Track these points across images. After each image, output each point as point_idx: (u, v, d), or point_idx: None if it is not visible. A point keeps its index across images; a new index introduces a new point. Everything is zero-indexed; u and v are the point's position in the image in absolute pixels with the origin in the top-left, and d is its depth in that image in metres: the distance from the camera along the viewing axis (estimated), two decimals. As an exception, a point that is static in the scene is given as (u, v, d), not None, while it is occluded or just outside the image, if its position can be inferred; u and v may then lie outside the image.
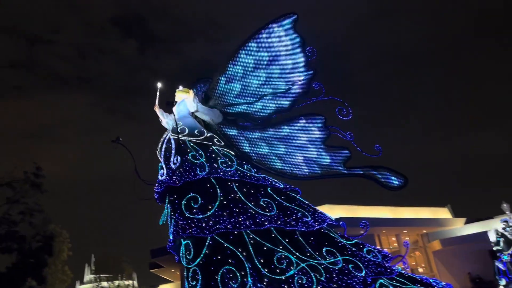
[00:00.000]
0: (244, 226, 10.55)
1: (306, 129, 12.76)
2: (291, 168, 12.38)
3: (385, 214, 36.97)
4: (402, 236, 38.04)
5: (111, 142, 11.32)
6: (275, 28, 13.25)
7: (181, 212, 10.77)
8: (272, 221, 10.80)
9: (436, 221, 39.34)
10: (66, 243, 39.05)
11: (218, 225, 10.47)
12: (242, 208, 10.84)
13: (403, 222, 37.09)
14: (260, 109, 12.80)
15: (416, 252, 39.18)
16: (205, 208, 10.72)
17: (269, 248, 10.60)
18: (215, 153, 11.70)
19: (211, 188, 11.03)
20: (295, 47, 13.36)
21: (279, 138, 12.62)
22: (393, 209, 37.95)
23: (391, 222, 36.36)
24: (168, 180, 11.16)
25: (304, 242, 11.07)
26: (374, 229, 35.02)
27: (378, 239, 36.51)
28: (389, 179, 12.63)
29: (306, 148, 12.61)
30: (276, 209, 11.12)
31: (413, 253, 39.02)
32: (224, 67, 12.65)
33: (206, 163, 11.28)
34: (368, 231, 32.81)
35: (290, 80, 13.10)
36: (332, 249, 11.19)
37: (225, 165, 11.45)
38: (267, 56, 13.04)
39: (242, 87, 12.69)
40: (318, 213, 11.72)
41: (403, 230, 37.72)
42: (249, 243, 10.54)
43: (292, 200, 11.76)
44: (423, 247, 38.97)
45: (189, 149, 11.57)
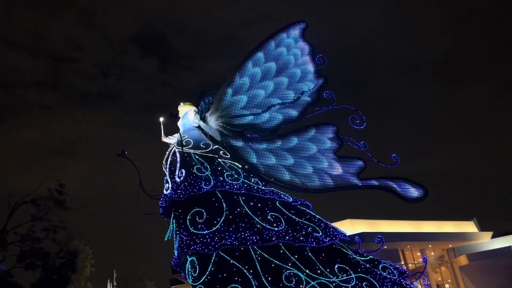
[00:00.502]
0: (251, 242, 9.93)
1: (316, 140, 12.13)
2: (301, 180, 11.68)
3: (408, 229, 35.62)
4: (427, 251, 36.59)
5: (116, 156, 10.87)
6: (284, 37, 12.75)
7: (185, 227, 10.25)
8: (280, 237, 10.13)
9: (462, 235, 37.74)
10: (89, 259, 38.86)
11: (224, 241, 9.87)
12: (249, 223, 10.23)
13: (427, 236, 35.66)
14: (268, 120, 12.24)
15: (442, 267, 37.60)
16: (210, 223, 10.17)
17: (277, 265, 9.94)
18: (221, 166, 11.16)
19: (217, 202, 10.46)
20: (304, 56, 12.83)
21: (287, 149, 12.00)
22: (416, 223, 36.58)
23: (414, 236, 35.01)
24: (173, 194, 10.64)
25: (315, 258, 10.37)
26: (398, 244, 33.76)
27: (402, 254, 35.14)
28: (407, 190, 11.90)
29: (316, 159, 11.96)
30: (284, 224, 10.46)
31: (439, 268, 37.47)
32: (231, 79, 12.10)
33: (211, 176, 10.74)
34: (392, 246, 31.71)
35: (299, 90, 12.51)
36: (345, 266, 10.48)
37: (231, 178, 10.86)
38: (275, 66, 12.53)
39: (249, 98, 12.17)
40: (330, 228, 11.00)
41: (427, 245, 36.26)
42: (256, 259, 9.90)
43: (302, 214, 11.09)
44: (449, 262, 37.38)
45: (194, 162, 11.09)
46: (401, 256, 34.47)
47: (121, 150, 10.96)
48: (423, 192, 11.78)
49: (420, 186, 11.83)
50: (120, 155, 10.92)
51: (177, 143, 11.44)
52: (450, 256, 37.21)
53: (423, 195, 11.77)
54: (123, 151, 10.96)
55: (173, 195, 10.63)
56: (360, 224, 32.65)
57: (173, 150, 11.34)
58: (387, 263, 11.09)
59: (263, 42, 12.46)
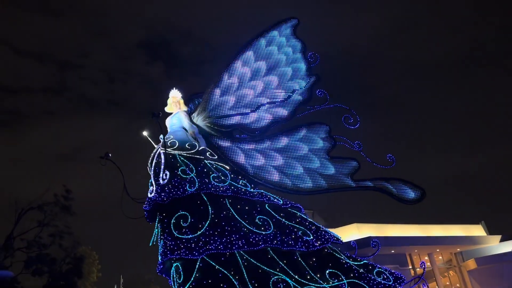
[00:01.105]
0: (236, 247, 9.34)
1: (308, 139, 11.59)
2: (292, 181, 11.04)
3: (415, 233, 34.66)
4: (435, 255, 35.54)
5: (100, 158, 10.32)
6: (275, 35, 12.21)
7: (169, 231, 9.68)
8: (268, 241, 9.51)
9: (470, 239, 36.65)
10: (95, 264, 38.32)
11: (209, 246, 9.29)
12: (235, 226, 9.64)
13: (435, 240, 34.66)
14: (256, 120, 11.66)
15: (450, 271, 36.49)
16: (195, 227, 9.60)
17: (264, 271, 9.35)
18: (207, 167, 10.59)
19: (202, 205, 9.88)
20: (296, 53, 12.23)
21: (277, 149, 11.47)
22: (424, 227, 35.59)
23: (422, 240, 33.53)
24: (157, 197, 10.04)
25: (305, 263, 9.75)
26: (405, 248, 32.81)
27: (409, 258, 34.16)
28: (404, 192, 11.35)
29: (308, 159, 11.43)
30: (273, 227, 9.85)
31: (447, 272, 36.36)
32: (218, 79, 11.54)
33: (196, 178, 10.16)
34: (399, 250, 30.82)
35: (290, 88, 11.91)
36: (337, 271, 9.86)
37: (218, 180, 10.27)
38: (266, 65, 11.98)
39: (238, 99, 11.63)
40: (321, 231, 10.38)
41: (435, 249, 35.23)
42: (243, 265, 9.30)
43: (293, 217, 10.48)
44: (457, 266, 36.27)
45: (179, 164, 10.54)
46: (409, 260, 33.54)
47: (105, 152, 10.42)
48: (420, 194, 11.25)
49: (416, 187, 11.31)
50: (103, 157, 10.37)
51: (162, 144, 10.85)
52: (458, 260, 36.16)
53: (420, 197, 11.24)
54: (106, 153, 10.43)
55: (157, 198, 10.05)
56: (367, 229, 31.83)
57: (158, 151, 10.74)
58: (383, 268, 10.41)
59: (252, 40, 11.91)
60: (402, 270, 32.34)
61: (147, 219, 10.70)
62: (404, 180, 11.34)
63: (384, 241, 31.23)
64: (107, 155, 10.36)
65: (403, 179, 11.37)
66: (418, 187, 11.24)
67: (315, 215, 35.18)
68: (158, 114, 10.21)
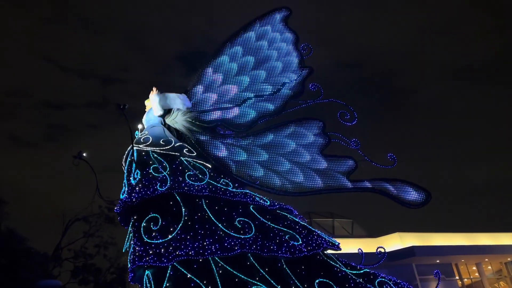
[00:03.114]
0: (209, 252, 7.94)
1: (297, 135, 10.10)
2: (280, 179, 9.54)
3: (462, 242, 31.28)
4: (483, 265, 32.17)
5: (73, 157, 9.22)
6: (265, 27, 10.85)
7: (139, 236, 8.41)
8: (246, 246, 8.09)
9: (522, 247, 32.93)
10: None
11: (179, 251, 7.96)
12: (210, 229, 8.26)
13: (483, 249, 31.36)
14: (241, 115, 10.27)
15: (501, 282, 32.88)
16: (166, 230, 8.28)
17: (241, 280, 7.99)
18: (183, 165, 9.27)
19: (175, 207, 8.57)
20: (288, 45, 10.85)
21: (263, 146, 10.00)
22: (471, 235, 32.11)
23: (469, 250, 30.58)
24: (127, 198, 8.75)
25: (291, 271, 8.26)
26: (451, 258, 29.98)
27: (456, 268, 31.10)
28: (407, 194, 9.88)
29: (297, 153, 9.97)
30: (254, 230, 8.43)
31: (497, 283, 32.77)
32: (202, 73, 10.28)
33: (169, 177, 8.79)
34: (445, 260, 28.00)
35: (279, 82, 10.48)
36: (328, 281, 8.32)
37: (193, 178, 8.93)
38: (254, 58, 10.77)
39: (222, 93, 10.30)
40: (313, 236, 8.86)
41: (484, 258, 31.93)
42: (217, 273, 7.91)
43: (281, 220, 9.01)
44: (508, 276, 32.64)
45: (151, 161, 9.19)
46: (455, 270, 30.57)
47: (78, 152, 9.31)
48: (425, 196, 9.79)
49: (421, 190, 9.86)
50: (77, 157, 9.26)
51: (135, 141, 9.63)
52: (509, 270, 32.62)
53: (425, 200, 9.78)
54: (79, 152, 9.30)
55: (127, 199, 8.77)
56: (410, 238, 29.27)
57: (132, 149, 9.50)
58: (387, 277, 8.68)
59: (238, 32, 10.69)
60: (448, 280, 29.58)
61: (121, 222, 9.45)
62: (408, 182, 9.92)
63: (429, 251, 28.70)
64: (80, 155, 9.26)
65: (406, 180, 9.95)
66: (423, 189, 9.85)
67: (355, 225, 32.90)
68: (124, 106, 8.93)
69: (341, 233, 30.00)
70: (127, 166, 9.32)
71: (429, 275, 28.23)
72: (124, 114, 8.81)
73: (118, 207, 9.04)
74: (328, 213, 32.27)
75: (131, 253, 8.51)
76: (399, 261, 27.65)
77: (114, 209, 9.14)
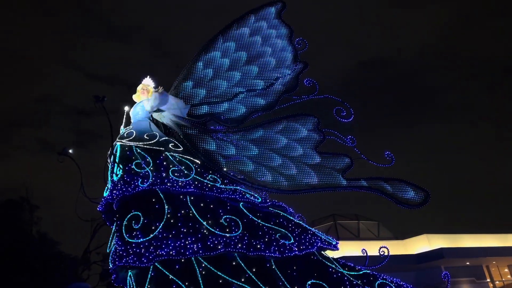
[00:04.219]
0: (191, 251, 7.34)
1: (290, 130, 9.53)
2: (275, 176, 8.77)
3: (493, 243, 29.46)
4: (517, 267, 30.06)
5: (58, 154, 8.69)
6: (258, 21, 10.42)
7: (120, 235, 7.84)
8: (231, 244, 7.42)
9: (556, 249, 30.55)
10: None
11: (160, 251, 7.36)
12: (193, 228, 7.66)
13: (515, 251, 29.39)
14: (232, 110, 9.65)
15: (536, 285, 30.61)
16: (147, 229, 7.69)
17: (225, 281, 7.40)
18: (168, 160, 8.65)
19: (158, 204, 7.92)
20: (283, 41, 10.34)
21: (254, 141, 9.37)
22: (503, 236, 30.17)
23: (501, 251, 28.81)
24: (109, 195, 8.19)
25: (280, 272, 7.57)
26: (482, 260, 28.06)
27: (487, 270, 29.31)
28: (405, 194, 9.19)
29: (290, 147, 9.39)
30: (242, 229, 7.79)
31: (531, 287, 30.53)
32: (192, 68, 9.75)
33: (151, 173, 8.13)
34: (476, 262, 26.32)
35: (271, 77, 10.02)
36: (321, 283, 7.67)
37: (178, 174, 8.30)
38: (246, 55, 10.31)
39: (211, 89, 9.72)
40: (307, 235, 8.21)
41: (516, 260, 29.82)
42: (200, 274, 7.27)
43: (272, 218, 8.38)
44: (544, 279, 30.36)
45: (134, 157, 8.59)
46: (486, 272, 28.81)
47: (62, 148, 8.76)
48: (424, 196, 9.09)
49: (419, 189, 9.16)
50: (61, 153, 8.71)
51: (119, 136, 9.06)
52: (544, 272, 30.24)
53: (424, 200, 9.07)
54: (64, 148, 8.75)
55: (108, 196, 8.20)
56: (438, 239, 27.87)
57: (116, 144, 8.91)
58: (389, 279, 7.91)
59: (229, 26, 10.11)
60: (479, 283, 27.92)
61: (106, 221, 8.87)
62: (405, 181, 9.25)
63: (458, 253, 27.14)
64: (65, 151, 8.72)
65: (404, 180, 9.26)
66: (422, 188, 9.17)
67: (381, 227, 31.49)
68: (102, 98, 8.29)
69: (366, 235, 28.80)
70: (111, 162, 8.73)
71: (459, 277, 26.71)
72: (104, 106, 8.23)
73: (100, 206, 8.48)
74: (353, 215, 31.11)
75: (112, 253, 7.92)
76: (427, 264, 26.27)
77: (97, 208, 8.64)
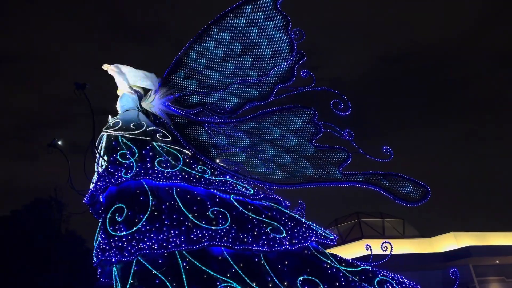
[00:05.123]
0: (174, 245, 6.91)
1: (285, 122, 9.03)
2: (269, 169, 8.46)
3: (526, 241, 27.80)
4: (551, 267, 28.10)
5: (47, 146, 8.29)
6: (255, 12, 9.96)
7: (104, 228, 7.41)
8: (216, 238, 6.93)
9: None
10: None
11: (142, 244, 6.94)
12: (177, 220, 7.13)
13: (549, 250, 27.47)
14: (225, 100, 9.25)
15: None
16: (130, 222, 7.26)
17: (210, 276, 6.88)
18: (155, 150, 8.19)
19: (142, 195, 7.45)
20: (280, 32, 9.93)
21: (247, 132, 9.06)
22: (537, 233, 28.43)
23: (532, 250, 27.14)
24: (93, 187, 7.77)
25: (270, 267, 7.06)
26: None
27: (518, 270, 27.46)
28: (403, 190, 8.71)
29: (284, 143, 8.84)
30: (230, 221, 7.28)
31: None
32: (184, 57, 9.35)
33: (136, 163, 7.65)
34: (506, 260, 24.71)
35: (267, 68, 9.50)
36: (315, 279, 7.07)
37: (164, 165, 7.86)
38: (241, 46, 9.69)
39: (204, 79, 9.28)
40: (301, 228, 7.60)
41: (551, 259, 27.91)
42: (183, 268, 6.81)
43: (264, 211, 8.01)
44: None
45: (119, 147, 8.14)
46: (517, 272, 26.81)
47: (51, 139, 8.35)
48: (423, 192, 8.63)
49: (419, 185, 8.71)
50: (50, 145, 8.30)
51: (106, 126, 8.61)
52: None
53: (423, 196, 8.62)
54: (53, 140, 8.33)
55: (93, 188, 7.78)
56: (466, 238, 26.36)
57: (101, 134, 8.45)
58: (389, 275, 7.37)
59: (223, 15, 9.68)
60: (508, 282, 26.29)
61: (94, 215, 8.41)
62: (404, 177, 8.79)
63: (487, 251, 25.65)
64: (54, 143, 8.30)
65: (402, 175, 8.79)
66: (421, 184, 8.75)
67: (406, 224, 30.06)
68: (83, 85, 7.78)
69: (391, 233, 27.57)
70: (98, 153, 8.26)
71: (488, 276, 25.23)
72: (85, 93, 7.77)
73: (86, 198, 8.05)
74: (377, 213, 29.91)
75: (96, 247, 7.49)
76: (454, 262, 24.91)
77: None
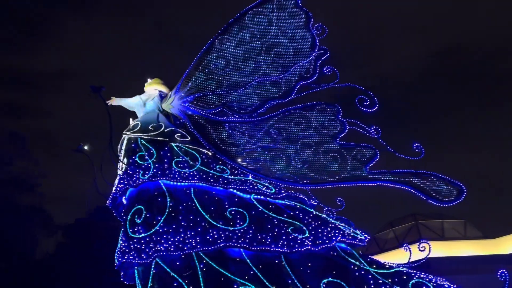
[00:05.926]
0: (189, 246, 6.65)
1: (309, 120, 8.56)
2: (291, 169, 8.10)
3: None
4: None
5: (72, 151, 8.17)
6: (277, 11, 9.49)
7: (125, 230, 7.29)
8: (233, 238, 6.61)
9: None
10: None
11: (159, 246, 6.69)
12: (194, 221, 6.88)
13: None
14: (243, 99, 8.86)
15: None
16: (149, 223, 7.08)
17: (227, 279, 6.59)
18: (173, 151, 7.94)
19: (160, 197, 7.30)
20: (301, 28, 9.44)
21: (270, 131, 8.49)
22: None
23: None
24: (114, 190, 7.66)
25: (291, 269, 6.68)
26: None
27: None
28: (437, 189, 8.09)
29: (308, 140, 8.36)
30: (248, 221, 6.94)
31: None
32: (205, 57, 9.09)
33: (153, 165, 7.44)
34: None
35: (288, 65, 9.05)
36: (339, 281, 6.69)
37: (182, 165, 7.64)
38: (261, 44, 9.28)
39: (224, 78, 9.02)
40: (326, 228, 7.38)
41: None
42: (200, 270, 6.51)
43: (286, 210, 7.54)
44: None
45: (138, 149, 7.94)
46: None
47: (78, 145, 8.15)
48: (459, 191, 8.03)
49: (453, 184, 8.09)
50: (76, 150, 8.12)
51: (127, 128, 8.49)
52: None
53: (458, 195, 8.02)
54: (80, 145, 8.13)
55: (114, 191, 7.65)
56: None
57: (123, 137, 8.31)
58: (426, 277, 7.08)
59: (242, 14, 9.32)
60: None
61: (118, 217, 8.18)
62: (436, 175, 8.17)
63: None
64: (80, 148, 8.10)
65: (436, 174, 8.19)
66: (455, 183, 8.12)
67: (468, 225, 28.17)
68: (99, 89, 7.66)
69: (452, 235, 25.95)
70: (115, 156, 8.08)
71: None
72: (101, 96, 7.67)
73: (109, 201, 7.89)
74: (436, 214, 28.23)
75: (117, 249, 7.27)
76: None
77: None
